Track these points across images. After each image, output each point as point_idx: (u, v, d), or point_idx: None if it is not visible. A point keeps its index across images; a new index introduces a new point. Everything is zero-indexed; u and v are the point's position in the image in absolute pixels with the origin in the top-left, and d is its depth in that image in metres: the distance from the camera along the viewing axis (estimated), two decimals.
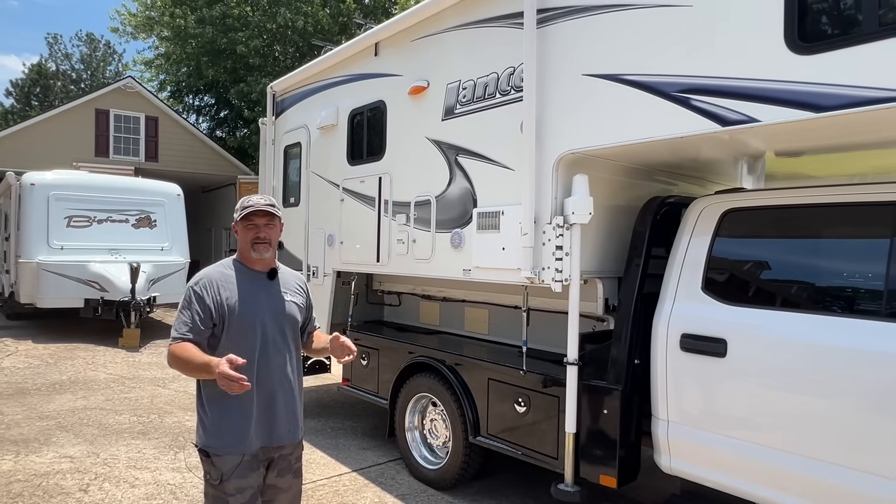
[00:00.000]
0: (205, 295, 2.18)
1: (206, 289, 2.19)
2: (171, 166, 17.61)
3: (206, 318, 2.16)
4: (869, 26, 2.14)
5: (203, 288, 2.19)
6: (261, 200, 2.27)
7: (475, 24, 3.67)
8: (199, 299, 2.17)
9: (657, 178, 3.74)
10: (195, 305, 2.17)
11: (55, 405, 5.94)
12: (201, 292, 2.18)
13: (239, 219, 2.26)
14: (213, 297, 2.18)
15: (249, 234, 2.25)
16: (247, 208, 2.25)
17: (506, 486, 4.10)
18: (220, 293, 2.19)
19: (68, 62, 36.56)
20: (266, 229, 2.27)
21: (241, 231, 2.28)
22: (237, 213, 2.27)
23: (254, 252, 2.26)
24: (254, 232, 2.25)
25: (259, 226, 2.26)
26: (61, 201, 9.96)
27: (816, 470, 2.38)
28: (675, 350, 2.85)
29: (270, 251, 2.31)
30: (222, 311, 2.18)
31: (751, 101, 2.40)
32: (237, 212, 2.28)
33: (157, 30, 21.13)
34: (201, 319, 2.15)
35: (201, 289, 2.19)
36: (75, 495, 3.86)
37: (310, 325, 2.52)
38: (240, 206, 2.29)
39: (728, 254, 2.90)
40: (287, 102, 5.79)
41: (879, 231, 2.44)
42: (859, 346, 2.33)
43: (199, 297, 2.18)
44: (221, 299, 2.18)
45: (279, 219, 2.32)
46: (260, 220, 2.25)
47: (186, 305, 2.19)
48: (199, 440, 2.23)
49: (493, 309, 4.32)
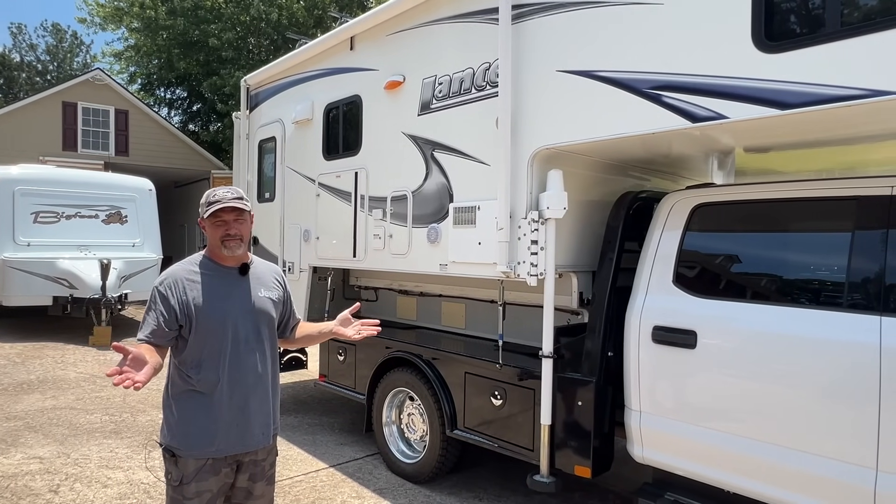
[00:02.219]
0: (169, 295, 2.09)
1: (170, 289, 2.10)
2: (143, 161, 17.25)
3: (171, 320, 2.07)
4: (832, 26, 2.20)
5: (168, 288, 2.10)
6: (228, 194, 2.14)
7: (451, 20, 3.68)
8: (163, 300, 2.09)
9: (630, 173, 3.80)
10: (159, 306, 2.08)
11: (23, 405, 5.80)
12: (166, 293, 2.09)
13: (206, 216, 2.13)
14: (178, 298, 2.09)
15: (219, 232, 2.14)
16: (213, 204, 2.12)
17: (483, 478, 4.14)
18: (186, 293, 2.10)
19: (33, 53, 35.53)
20: (236, 225, 2.15)
21: (209, 228, 2.16)
22: (203, 209, 2.15)
23: (225, 249, 2.15)
24: (223, 229, 2.14)
25: (228, 222, 2.14)
26: (27, 196, 9.68)
27: (783, 457, 2.46)
28: (647, 342, 2.90)
29: (243, 247, 2.19)
30: (188, 312, 2.09)
31: (720, 98, 2.45)
32: (203, 207, 2.15)
33: (126, 20, 20.58)
34: (165, 321, 2.06)
35: (166, 289, 2.10)
36: (45, 496, 3.78)
37: (291, 318, 2.44)
38: (205, 200, 2.15)
39: (698, 247, 2.96)
40: (261, 96, 5.72)
41: (842, 225, 2.52)
42: (823, 336, 2.41)
43: (163, 298, 2.09)
44: (188, 299, 2.09)
45: (249, 212, 2.20)
46: (229, 216, 2.14)
47: (151, 306, 2.10)
48: (163, 439, 2.16)
49: (469, 303, 4.35)
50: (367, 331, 2.40)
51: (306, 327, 2.51)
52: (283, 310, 2.38)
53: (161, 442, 2.18)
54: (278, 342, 2.38)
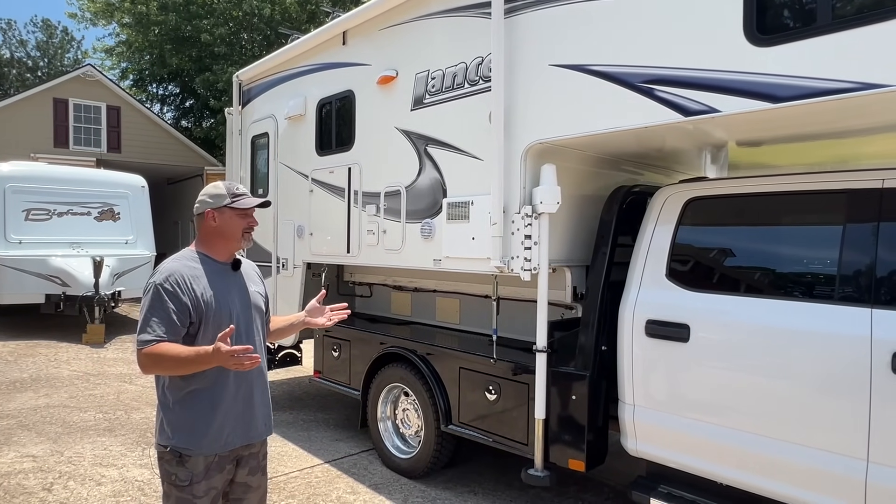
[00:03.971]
0: (178, 291, 2.02)
1: (178, 285, 2.03)
2: (135, 157, 17.15)
3: (184, 316, 2.01)
4: (823, 19, 2.20)
5: (175, 284, 2.03)
6: (246, 189, 2.22)
7: (444, 14, 3.66)
8: (172, 296, 2.01)
9: (623, 167, 3.80)
10: (169, 304, 2.00)
11: (16, 404, 5.77)
12: (174, 289, 2.02)
13: (233, 205, 2.14)
14: (188, 294, 2.03)
15: (243, 223, 2.17)
16: (240, 196, 2.17)
17: (477, 473, 4.15)
18: (195, 288, 2.05)
19: (23, 49, 35.13)
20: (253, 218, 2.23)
21: (231, 218, 2.15)
22: (222, 199, 2.14)
23: (244, 241, 2.20)
24: (247, 220, 2.18)
25: (250, 214, 2.20)
26: (19, 194, 9.62)
27: (776, 449, 2.48)
28: (640, 336, 2.91)
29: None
30: (199, 308, 2.04)
31: (711, 91, 2.45)
32: (219, 198, 2.14)
33: (117, 16, 20.39)
34: (178, 318, 2.00)
35: (173, 285, 2.02)
36: (38, 495, 3.77)
37: (269, 312, 2.45)
38: (224, 191, 2.15)
39: (691, 241, 2.97)
40: (254, 92, 5.69)
41: (834, 218, 2.53)
42: (815, 329, 2.42)
43: (172, 294, 2.01)
44: (197, 295, 2.05)
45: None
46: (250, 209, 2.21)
47: (157, 304, 2.01)
48: (165, 440, 2.07)
49: (463, 298, 4.35)
50: (337, 316, 2.42)
51: (277, 320, 2.52)
52: (266, 304, 2.39)
53: (164, 444, 2.09)
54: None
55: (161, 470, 2.13)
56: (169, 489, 2.10)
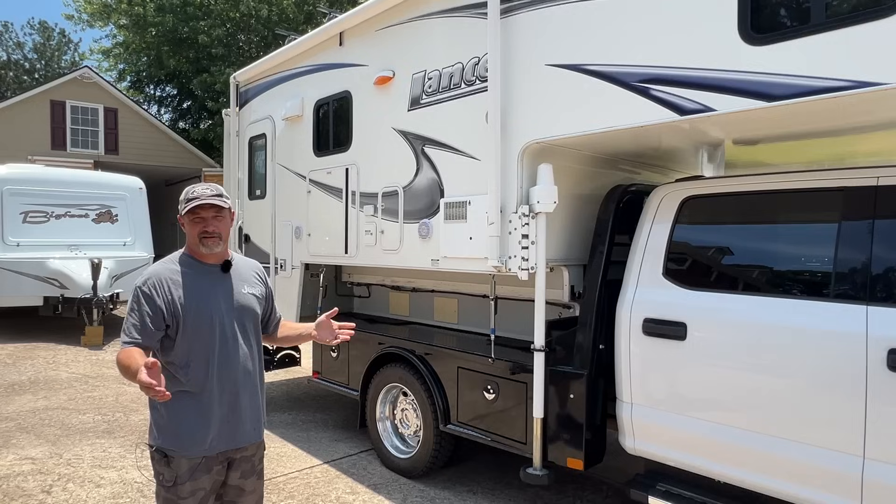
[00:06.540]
0: (154, 295, 2.04)
1: (154, 288, 2.05)
2: (133, 159, 17.13)
3: (158, 320, 2.03)
4: (818, 18, 2.21)
5: (152, 287, 2.05)
6: (206, 191, 2.12)
7: (440, 14, 3.67)
8: (148, 299, 2.03)
9: (620, 166, 3.81)
10: (144, 307, 2.02)
11: (14, 406, 5.77)
12: (150, 292, 2.04)
13: (184, 212, 2.10)
14: (163, 297, 2.04)
15: (196, 229, 2.11)
16: (191, 201, 2.09)
17: (476, 472, 4.16)
18: (171, 292, 2.06)
19: (20, 51, 35.07)
20: (214, 222, 2.12)
21: (187, 225, 2.14)
22: (182, 206, 2.11)
23: (203, 247, 2.13)
24: (201, 226, 2.11)
25: (206, 219, 2.11)
26: (16, 196, 9.59)
27: (773, 446, 2.48)
28: (637, 334, 2.92)
29: (222, 244, 2.17)
30: (175, 312, 2.05)
31: (707, 90, 2.46)
32: (181, 203, 2.12)
33: (114, 17, 20.40)
34: (152, 321, 2.02)
35: (150, 288, 2.05)
36: (38, 497, 3.77)
37: (273, 314, 2.44)
38: (184, 197, 2.13)
39: (688, 240, 2.98)
40: (251, 93, 5.69)
41: (830, 216, 2.54)
42: (811, 326, 2.43)
43: (148, 298, 2.03)
44: (173, 298, 2.05)
45: (229, 209, 2.17)
46: (207, 213, 2.11)
47: (135, 307, 2.04)
48: (153, 440, 2.13)
49: (461, 298, 4.35)
50: (343, 334, 2.39)
51: (287, 327, 2.52)
52: (266, 306, 2.37)
53: (151, 444, 2.15)
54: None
55: (153, 468, 2.17)
56: (158, 488, 2.14)
